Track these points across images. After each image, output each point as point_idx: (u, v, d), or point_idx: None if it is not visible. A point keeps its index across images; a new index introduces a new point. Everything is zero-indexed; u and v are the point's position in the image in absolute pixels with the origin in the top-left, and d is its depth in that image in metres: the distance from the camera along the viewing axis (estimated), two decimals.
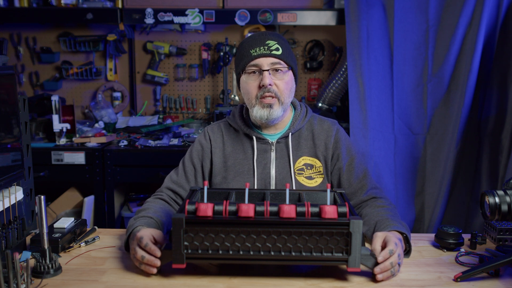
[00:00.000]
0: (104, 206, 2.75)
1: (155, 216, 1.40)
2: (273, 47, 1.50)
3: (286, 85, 1.52)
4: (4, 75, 1.36)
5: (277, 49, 1.51)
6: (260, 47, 1.50)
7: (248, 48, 1.52)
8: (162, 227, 1.38)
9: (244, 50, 1.54)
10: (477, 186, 2.45)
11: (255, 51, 1.50)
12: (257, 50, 1.50)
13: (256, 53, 1.50)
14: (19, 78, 3.27)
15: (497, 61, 2.33)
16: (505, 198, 1.19)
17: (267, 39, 1.52)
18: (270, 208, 1.16)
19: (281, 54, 1.51)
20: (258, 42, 1.52)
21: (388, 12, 2.44)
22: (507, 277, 1.23)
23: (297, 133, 1.61)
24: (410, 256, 1.35)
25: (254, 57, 1.50)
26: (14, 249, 1.33)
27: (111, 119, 3.09)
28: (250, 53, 1.51)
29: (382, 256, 1.19)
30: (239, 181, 1.56)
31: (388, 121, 2.49)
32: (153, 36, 3.26)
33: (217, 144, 1.62)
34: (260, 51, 1.50)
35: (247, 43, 1.55)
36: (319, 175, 1.58)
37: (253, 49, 1.51)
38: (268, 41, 1.51)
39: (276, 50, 1.50)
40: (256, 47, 1.51)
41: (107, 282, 1.20)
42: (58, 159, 2.67)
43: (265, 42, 1.51)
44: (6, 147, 1.37)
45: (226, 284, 1.18)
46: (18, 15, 2.99)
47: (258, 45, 1.51)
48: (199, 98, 3.33)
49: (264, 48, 1.50)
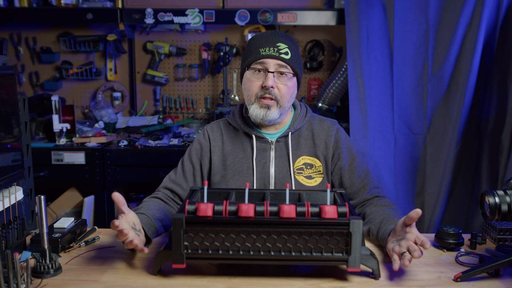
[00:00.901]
0: (104, 206, 2.75)
1: (147, 212, 1.39)
2: (282, 50, 1.50)
3: (288, 90, 1.52)
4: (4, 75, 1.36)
5: (286, 53, 1.50)
6: (270, 47, 1.50)
7: (258, 46, 1.51)
8: (154, 223, 1.37)
9: (253, 46, 1.53)
10: (477, 186, 2.45)
11: (264, 50, 1.50)
12: (266, 50, 1.49)
13: (265, 52, 1.49)
14: (19, 78, 3.28)
15: (497, 61, 2.33)
16: (505, 198, 1.19)
17: (278, 41, 1.51)
18: (270, 208, 1.16)
19: (289, 59, 1.50)
20: (269, 42, 1.51)
21: (388, 12, 2.44)
22: (507, 277, 1.23)
23: (297, 133, 1.61)
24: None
25: (262, 56, 1.49)
26: (14, 249, 1.33)
27: (111, 119, 3.09)
28: (259, 51, 1.50)
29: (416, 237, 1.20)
30: (238, 179, 1.56)
31: (388, 121, 2.49)
32: (153, 36, 3.26)
33: (216, 143, 1.62)
34: (270, 52, 1.49)
35: (258, 40, 1.53)
36: (318, 174, 1.58)
37: (262, 48, 1.50)
38: (279, 43, 1.50)
39: (285, 54, 1.50)
40: (266, 47, 1.50)
41: (107, 282, 1.20)
42: (58, 159, 2.67)
43: (276, 44, 1.50)
44: (6, 147, 1.37)
45: (226, 284, 1.18)
46: (18, 15, 2.99)
47: (268, 45, 1.50)
48: (199, 98, 3.33)
49: (273, 50, 1.49)
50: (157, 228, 1.38)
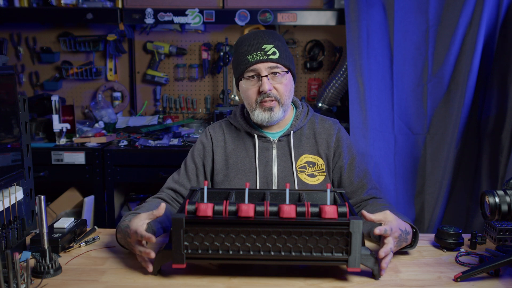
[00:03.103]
0: (104, 206, 2.75)
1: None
2: (269, 51, 1.49)
3: (286, 87, 1.52)
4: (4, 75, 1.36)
5: (274, 53, 1.50)
6: (257, 52, 1.49)
7: (245, 54, 1.51)
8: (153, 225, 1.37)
9: (240, 55, 1.53)
10: (477, 186, 2.44)
11: (252, 57, 1.49)
12: (254, 56, 1.49)
13: (253, 59, 1.49)
14: (19, 78, 3.27)
15: (497, 61, 2.33)
16: (505, 198, 1.19)
17: (263, 43, 1.50)
18: (270, 208, 1.16)
19: (278, 58, 1.50)
20: (254, 47, 1.50)
21: (388, 12, 2.44)
22: (507, 277, 1.23)
23: (299, 132, 1.61)
24: (414, 247, 1.37)
25: (251, 63, 1.49)
26: (14, 249, 1.33)
27: (111, 119, 3.09)
28: (247, 59, 1.50)
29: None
30: (241, 179, 1.57)
31: (388, 121, 2.49)
32: (153, 36, 3.26)
33: (218, 143, 1.63)
34: (257, 57, 1.49)
35: (243, 47, 1.53)
36: (321, 173, 1.58)
37: (250, 55, 1.50)
38: (265, 45, 1.50)
39: (273, 54, 1.49)
40: (253, 53, 1.50)
41: (107, 282, 1.20)
42: (58, 159, 2.67)
43: (262, 47, 1.50)
44: (6, 147, 1.37)
45: (226, 284, 1.18)
46: (18, 15, 2.99)
47: (254, 50, 1.50)
48: (199, 98, 3.33)
49: (261, 54, 1.49)
50: (155, 231, 1.38)
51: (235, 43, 1.59)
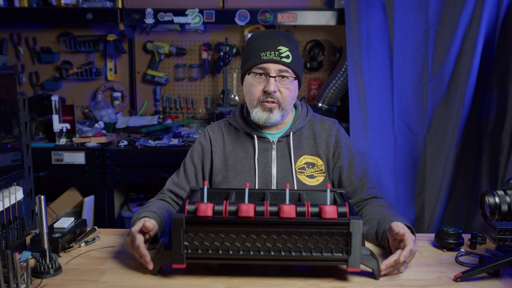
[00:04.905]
0: (104, 206, 2.75)
1: (158, 212, 1.40)
2: (283, 54, 1.48)
3: (290, 93, 1.52)
4: (4, 75, 1.36)
5: (287, 57, 1.48)
6: (271, 51, 1.48)
7: (259, 49, 1.49)
8: (163, 224, 1.38)
9: (254, 49, 1.51)
10: (477, 186, 2.44)
11: (265, 54, 1.48)
12: (267, 54, 1.48)
13: (266, 57, 1.48)
14: (19, 78, 3.27)
15: (497, 61, 2.33)
16: (505, 198, 1.19)
17: (279, 44, 1.49)
18: (270, 208, 1.16)
19: (290, 62, 1.49)
20: (270, 45, 1.49)
21: (388, 12, 2.44)
22: (507, 277, 1.23)
23: (298, 132, 1.61)
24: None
25: (263, 61, 1.48)
26: (14, 249, 1.33)
27: (111, 119, 3.09)
28: (260, 55, 1.48)
29: (403, 256, 1.22)
30: (240, 180, 1.57)
31: (388, 121, 2.49)
32: (153, 36, 3.26)
33: (217, 144, 1.62)
34: (271, 56, 1.47)
35: (258, 42, 1.51)
36: (320, 173, 1.58)
37: (263, 52, 1.48)
38: (280, 46, 1.48)
39: (286, 58, 1.48)
40: (267, 51, 1.48)
41: (107, 282, 1.20)
42: (58, 159, 2.67)
43: (277, 47, 1.48)
44: (6, 147, 1.37)
45: (226, 284, 1.18)
46: (18, 15, 2.99)
47: (269, 48, 1.48)
48: (199, 98, 3.33)
49: (274, 54, 1.47)
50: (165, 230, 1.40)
51: (250, 37, 1.58)
